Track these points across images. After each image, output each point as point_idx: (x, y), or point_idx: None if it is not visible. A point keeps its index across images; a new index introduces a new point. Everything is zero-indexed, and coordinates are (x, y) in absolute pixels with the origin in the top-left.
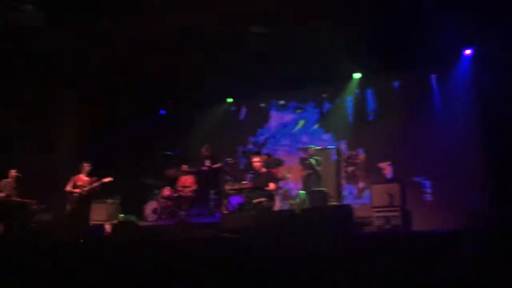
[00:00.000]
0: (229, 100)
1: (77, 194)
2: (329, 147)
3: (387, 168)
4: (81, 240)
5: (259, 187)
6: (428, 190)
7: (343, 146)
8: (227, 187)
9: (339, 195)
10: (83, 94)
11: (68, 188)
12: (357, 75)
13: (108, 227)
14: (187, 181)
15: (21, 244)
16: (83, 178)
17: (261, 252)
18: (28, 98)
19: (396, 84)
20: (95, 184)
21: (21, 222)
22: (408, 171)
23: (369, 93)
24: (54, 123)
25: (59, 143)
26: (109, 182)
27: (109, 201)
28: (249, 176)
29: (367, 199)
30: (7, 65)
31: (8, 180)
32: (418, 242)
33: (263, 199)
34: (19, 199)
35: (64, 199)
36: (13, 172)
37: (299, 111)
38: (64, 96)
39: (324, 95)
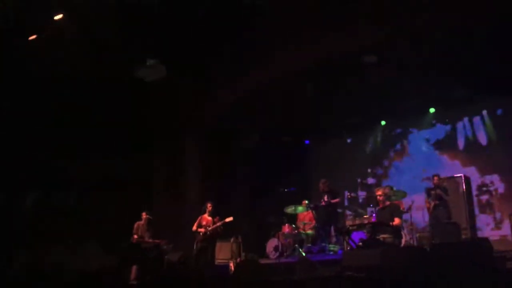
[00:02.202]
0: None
1: (202, 233)
2: (456, 175)
3: None
4: (207, 279)
5: (383, 222)
6: None
7: (472, 173)
8: (348, 222)
9: (473, 227)
10: (205, 140)
11: (194, 227)
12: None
13: (232, 265)
14: (306, 218)
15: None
16: (207, 218)
17: None
18: (156, 148)
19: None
20: (218, 224)
21: (154, 262)
22: None
23: (496, 115)
24: (180, 169)
25: (185, 186)
26: (231, 221)
27: (232, 240)
28: (370, 210)
29: (506, 231)
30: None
31: (141, 222)
32: None
33: (387, 235)
34: (151, 240)
35: (192, 239)
36: (144, 215)
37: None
38: (187, 143)
39: (447, 121)
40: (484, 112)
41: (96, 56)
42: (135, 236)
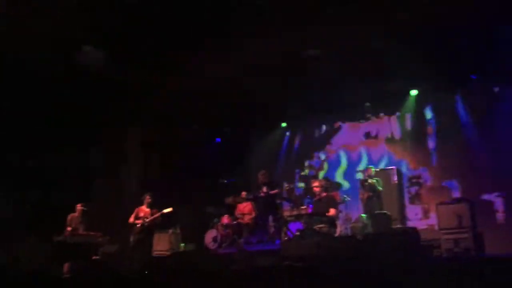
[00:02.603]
0: (283, 124)
1: (139, 225)
2: (388, 167)
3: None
4: (146, 271)
5: (319, 213)
6: (500, 209)
7: (403, 166)
8: (286, 213)
9: (403, 217)
10: (145, 130)
11: (131, 220)
12: (414, 92)
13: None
14: (246, 209)
15: (86, 277)
16: (145, 209)
17: (325, 280)
18: (96, 135)
19: (457, 98)
20: (156, 215)
21: (86, 255)
22: (477, 189)
23: (429, 109)
24: (120, 160)
25: (124, 178)
26: (169, 212)
27: (170, 231)
28: (307, 201)
29: (433, 220)
30: (73, 102)
31: (75, 214)
32: (494, 267)
33: (323, 225)
34: (85, 233)
35: (128, 231)
36: (79, 206)
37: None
38: (128, 132)
39: (382, 115)
40: (415, 108)
41: (35, 43)
42: (69, 229)
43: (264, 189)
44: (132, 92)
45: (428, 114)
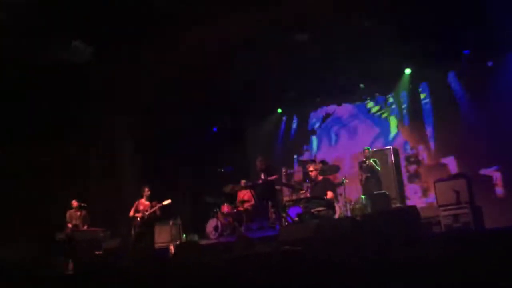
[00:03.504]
0: (279, 110)
1: (139, 218)
2: (385, 147)
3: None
4: (148, 263)
5: (317, 196)
6: (499, 183)
7: (399, 144)
8: (285, 198)
9: (402, 196)
10: (136, 118)
11: (131, 213)
12: (408, 71)
13: (172, 249)
14: (245, 196)
15: (90, 272)
16: (144, 202)
17: (324, 263)
18: (86, 129)
19: (451, 74)
20: (156, 207)
21: (89, 250)
22: (474, 163)
23: (424, 86)
24: (116, 154)
25: (122, 172)
26: (169, 204)
27: (171, 222)
28: (306, 185)
29: (433, 198)
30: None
31: (72, 210)
32: (494, 241)
33: (322, 208)
34: (86, 228)
35: (128, 225)
36: (74, 203)
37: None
38: (117, 122)
39: (377, 94)
40: (410, 85)
41: (21, 36)
42: (69, 225)
43: (262, 175)
44: (123, 80)
45: (423, 91)
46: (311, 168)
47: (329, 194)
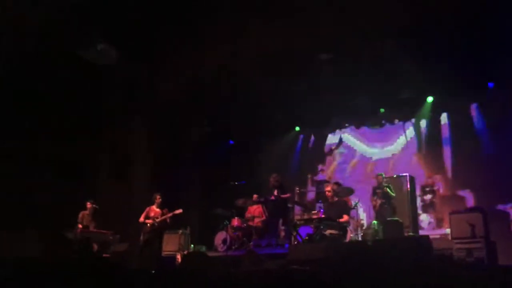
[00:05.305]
0: (297, 128)
1: (150, 225)
2: (401, 174)
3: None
4: (153, 271)
5: (330, 218)
6: None
7: (417, 173)
8: (297, 217)
9: (416, 225)
10: (156, 129)
11: (142, 219)
12: (430, 99)
13: (179, 258)
14: (256, 211)
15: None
16: (155, 209)
17: (332, 285)
18: (104, 135)
19: (474, 106)
20: (167, 216)
21: (97, 252)
22: (491, 198)
23: (444, 116)
24: (131, 159)
25: (135, 177)
26: (180, 213)
27: (180, 232)
28: (318, 205)
29: (446, 230)
30: (83, 101)
31: (86, 212)
32: (507, 277)
33: (335, 231)
34: (96, 230)
35: (138, 230)
36: (89, 204)
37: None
38: (137, 131)
39: (396, 120)
40: (431, 114)
41: (43, 37)
42: (80, 226)
43: (275, 192)
44: (142, 90)
45: (444, 121)
46: (328, 188)
47: (345, 217)
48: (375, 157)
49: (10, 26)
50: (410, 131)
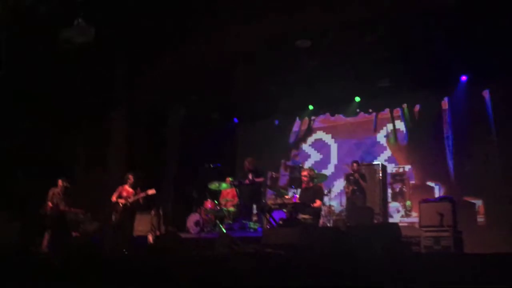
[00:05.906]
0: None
1: (122, 204)
2: (373, 163)
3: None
4: (125, 251)
5: (305, 203)
6: (481, 211)
7: (389, 162)
8: (270, 201)
9: (385, 213)
10: (132, 110)
11: (114, 198)
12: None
13: (150, 238)
14: (229, 195)
15: (65, 255)
16: (127, 189)
17: (305, 269)
18: (80, 114)
19: (445, 99)
20: (140, 196)
21: (66, 231)
22: (459, 190)
23: (417, 108)
24: (104, 138)
25: (108, 155)
26: (152, 194)
27: (152, 212)
28: (291, 190)
29: (415, 218)
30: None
31: (57, 189)
32: (472, 266)
33: (308, 216)
34: (66, 208)
35: (110, 210)
36: (60, 182)
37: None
38: (113, 113)
39: (370, 110)
40: (404, 105)
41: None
42: (50, 204)
43: (250, 176)
44: (119, 73)
45: (418, 113)
46: (305, 173)
47: (318, 203)
48: (347, 145)
49: None
50: (383, 121)
